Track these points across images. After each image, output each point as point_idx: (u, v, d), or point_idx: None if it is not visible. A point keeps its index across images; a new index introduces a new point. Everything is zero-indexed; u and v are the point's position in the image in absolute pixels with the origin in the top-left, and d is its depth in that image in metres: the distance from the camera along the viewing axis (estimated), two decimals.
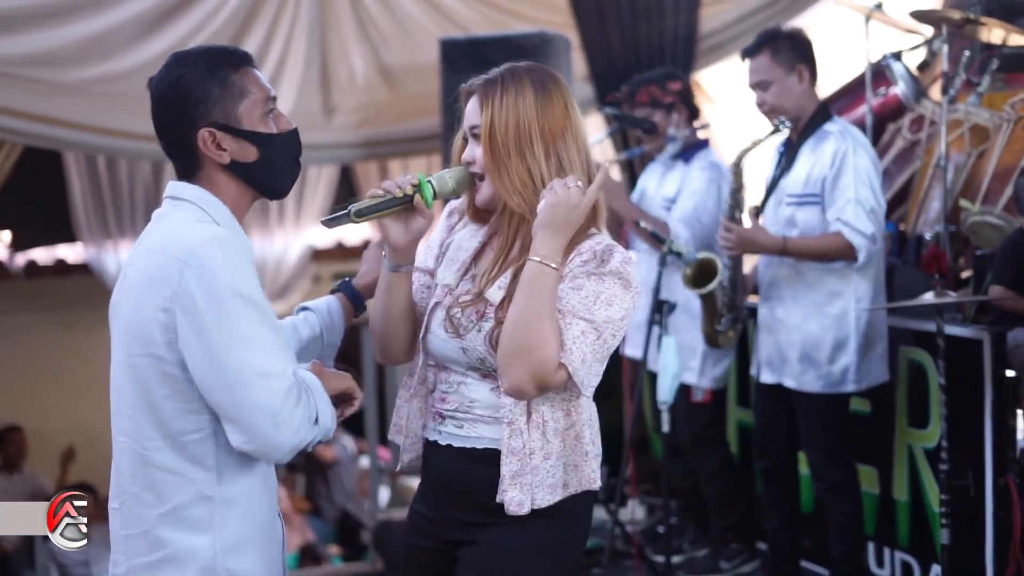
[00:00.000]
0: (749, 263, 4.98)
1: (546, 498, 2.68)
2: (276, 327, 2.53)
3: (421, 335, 2.83)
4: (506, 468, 2.66)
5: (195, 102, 2.56)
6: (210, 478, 2.52)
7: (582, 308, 2.60)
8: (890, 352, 4.69)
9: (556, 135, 2.70)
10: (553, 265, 2.61)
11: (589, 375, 2.62)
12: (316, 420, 2.51)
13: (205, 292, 2.43)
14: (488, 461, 2.70)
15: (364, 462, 10.02)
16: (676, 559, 5.39)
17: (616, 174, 6.68)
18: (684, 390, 5.23)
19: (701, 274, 4.88)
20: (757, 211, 4.73)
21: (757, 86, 4.69)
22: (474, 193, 2.80)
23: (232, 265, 2.46)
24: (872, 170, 4.56)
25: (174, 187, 2.65)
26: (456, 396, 2.78)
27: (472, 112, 2.77)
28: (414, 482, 9.96)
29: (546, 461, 2.68)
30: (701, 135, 5.47)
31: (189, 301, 2.44)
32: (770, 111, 4.68)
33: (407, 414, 2.89)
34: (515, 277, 2.69)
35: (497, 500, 2.67)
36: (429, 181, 2.76)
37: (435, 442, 2.83)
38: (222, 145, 2.58)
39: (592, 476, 2.73)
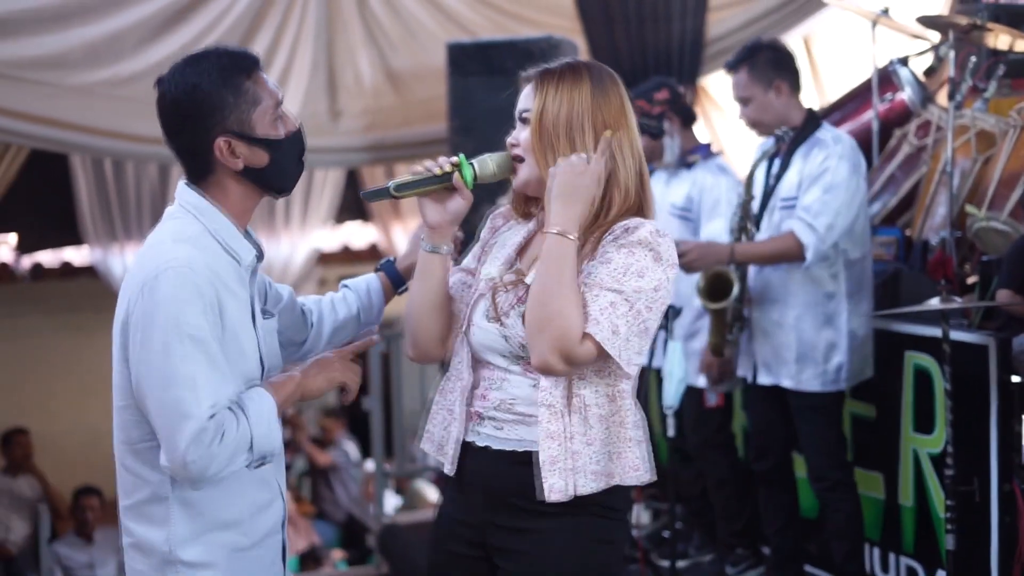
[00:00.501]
0: None
1: (588, 485, 2.62)
2: (218, 360, 2.55)
3: (463, 329, 2.79)
4: (544, 453, 2.62)
5: (210, 111, 2.60)
6: (164, 481, 2.62)
7: (611, 280, 2.57)
8: (896, 357, 4.71)
9: (610, 128, 2.70)
10: (570, 236, 2.60)
11: (626, 349, 2.57)
12: (251, 447, 2.57)
13: (148, 322, 2.53)
14: (527, 463, 2.66)
15: (369, 465, 10.02)
16: (681, 564, 5.39)
17: None
18: (694, 395, 5.23)
19: (714, 287, 4.84)
20: (758, 218, 4.76)
21: (740, 100, 4.80)
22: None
23: (181, 300, 2.52)
24: (848, 178, 4.58)
25: (181, 191, 2.71)
26: (498, 393, 2.74)
27: (526, 97, 2.77)
28: (424, 486, 9.98)
29: (588, 447, 2.63)
30: (701, 139, 5.47)
31: (135, 325, 2.55)
32: (751, 125, 4.81)
33: (442, 419, 2.86)
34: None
35: (536, 488, 2.63)
36: (471, 162, 2.78)
37: (471, 443, 2.78)
38: (236, 152, 2.63)
39: (636, 463, 2.66)
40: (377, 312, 3.11)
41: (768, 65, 4.71)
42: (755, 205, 4.80)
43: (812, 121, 4.77)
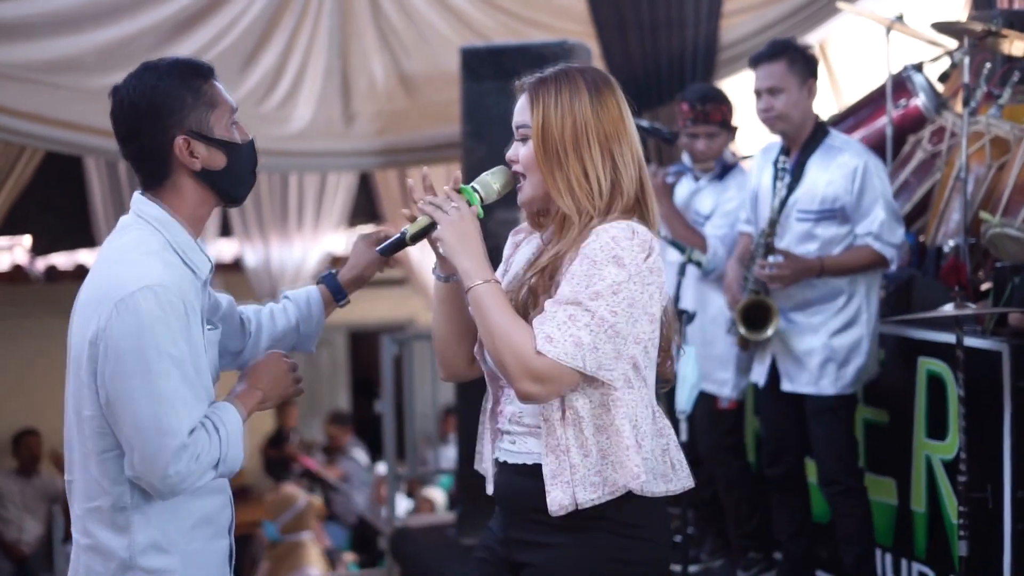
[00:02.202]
0: None
1: (588, 497, 2.61)
2: (191, 378, 2.61)
3: (477, 347, 2.81)
4: (547, 468, 2.64)
5: (169, 111, 2.65)
6: (124, 491, 2.65)
7: (570, 293, 2.56)
8: (909, 363, 4.72)
9: (611, 138, 2.68)
10: (479, 281, 2.61)
11: (594, 356, 2.55)
12: (218, 464, 2.64)
13: (129, 342, 2.55)
14: (538, 476, 2.66)
15: (381, 469, 10.03)
16: (693, 569, 5.39)
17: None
18: (707, 398, 5.24)
19: (751, 314, 4.83)
20: (772, 226, 4.75)
21: (768, 91, 4.73)
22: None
23: (161, 319, 2.56)
24: (884, 181, 4.72)
25: (137, 202, 2.73)
26: (510, 406, 2.76)
27: (521, 111, 2.73)
28: (431, 491, 9.99)
29: (586, 458, 2.63)
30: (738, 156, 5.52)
31: (113, 344, 2.56)
32: (777, 117, 4.74)
33: (480, 439, 2.90)
34: (537, 272, 2.68)
35: (546, 502, 2.64)
36: (474, 188, 2.76)
37: (496, 459, 2.83)
38: (195, 152, 2.68)
39: (635, 471, 2.61)
40: (316, 324, 3.14)
41: (805, 63, 4.74)
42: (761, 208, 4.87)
43: (821, 129, 4.79)
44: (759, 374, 4.90)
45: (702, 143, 5.30)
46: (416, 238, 2.72)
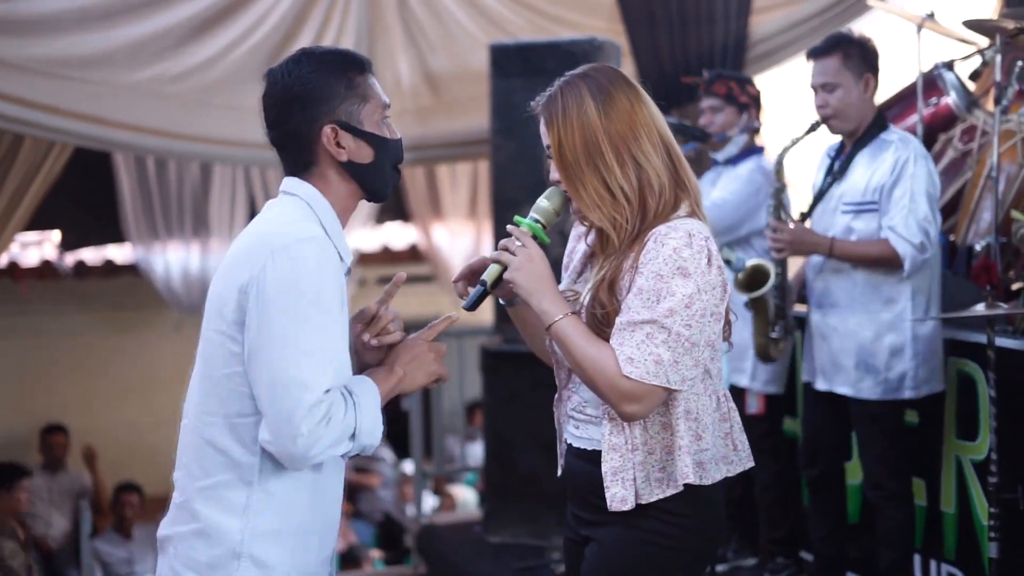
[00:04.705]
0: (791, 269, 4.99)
1: (654, 492, 2.70)
2: (342, 340, 2.58)
3: (548, 338, 2.87)
4: (607, 465, 2.71)
5: (320, 99, 2.65)
6: (253, 464, 2.58)
7: (644, 311, 2.60)
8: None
9: (626, 137, 2.69)
10: (558, 317, 2.67)
11: (676, 371, 2.61)
12: (353, 435, 2.56)
13: (282, 287, 2.50)
14: (595, 462, 2.75)
15: (408, 466, 10.03)
16: (721, 568, 5.37)
17: None
18: (737, 398, 5.22)
19: (752, 281, 4.86)
20: (803, 217, 4.76)
21: (823, 87, 4.67)
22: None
23: (318, 271, 2.53)
24: (929, 181, 4.57)
25: (289, 182, 2.72)
26: (577, 396, 2.85)
27: (542, 133, 2.76)
28: (458, 488, 9.99)
29: (650, 456, 2.71)
30: (758, 142, 5.48)
31: (263, 290, 2.50)
32: (832, 115, 4.67)
33: (557, 419, 2.98)
34: (596, 288, 2.72)
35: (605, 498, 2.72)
36: (537, 221, 2.77)
37: (566, 441, 2.92)
38: (342, 143, 2.67)
39: (684, 472, 2.68)
40: None
41: (861, 57, 4.66)
42: (788, 196, 4.85)
43: (879, 122, 4.72)
44: (808, 372, 4.87)
45: (706, 117, 5.36)
46: (495, 284, 2.75)
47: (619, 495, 2.69)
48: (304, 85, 2.64)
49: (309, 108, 2.64)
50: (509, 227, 2.76)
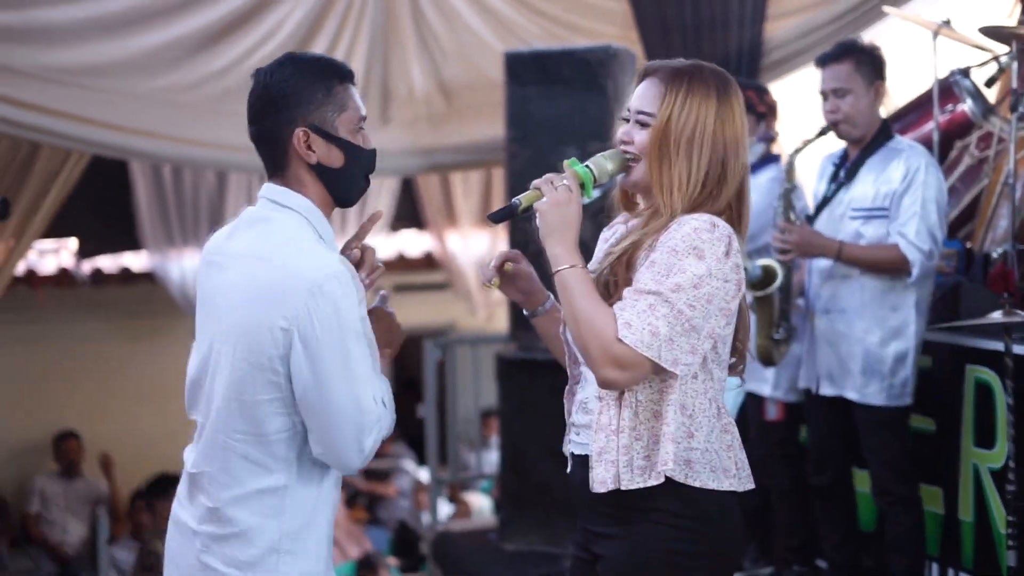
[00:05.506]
0: None
1: (635, 479, 2.67)
2: (374, 355, 2.71)
3: (562, 328, 2.90)
4: (594, 444, 2.71)
5: (299, 102, 2.73)
6: (288, 470, 2.72)
7: (651, 282, 2.60)
8: (957, 371, 4.67)
9: (728, 147, 2.73)
10: (568, 266, 2.67)
11: (669, 349, 2.59)
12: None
13: (327, 327, 2.62)
14: None
15: (423, 474, 10.04)
16: None
17: None
18: (757, 405, 5.21)
19: (760, 282, 4.86)
20: (809, 221, 4.77)
21: (834, 92, 4.69)
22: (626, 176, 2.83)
23: (350, 303, 2.65)
24: (939, 190, 4.61)
25: (276, 192, 2.78)
26: (582, 392, 2.86)
27: (648, 97, 2.77)
28: (473, 496, 9.98)
29: (637, 442, 2.68)
30: (775, 151, 5.47)
31: (310, 330, 2.62)
32: (843, 120, 4.69)
33: (568, 412, 2.97)
34: (616, 257, 2.73)
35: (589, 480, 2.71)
36: (587, 166, 2.77)
37: (570, 451, 2.92)
38: (312, 147, 2.74)
39: (664, 458, 2.66)
40: None
41: (872, 64, 4.69)
42: (798, 197, 4.86)
43: (885, 130, 4.74)
44: (808, 379, 4.87)
45: None
46: (527, 210, 2.76)
47: (600, 475, 2.69)
48: (283, 87, 2.73)
49: (285, 110, 2.73)
50: (564, 163, 2.78)
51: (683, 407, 2.69)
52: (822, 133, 4.73)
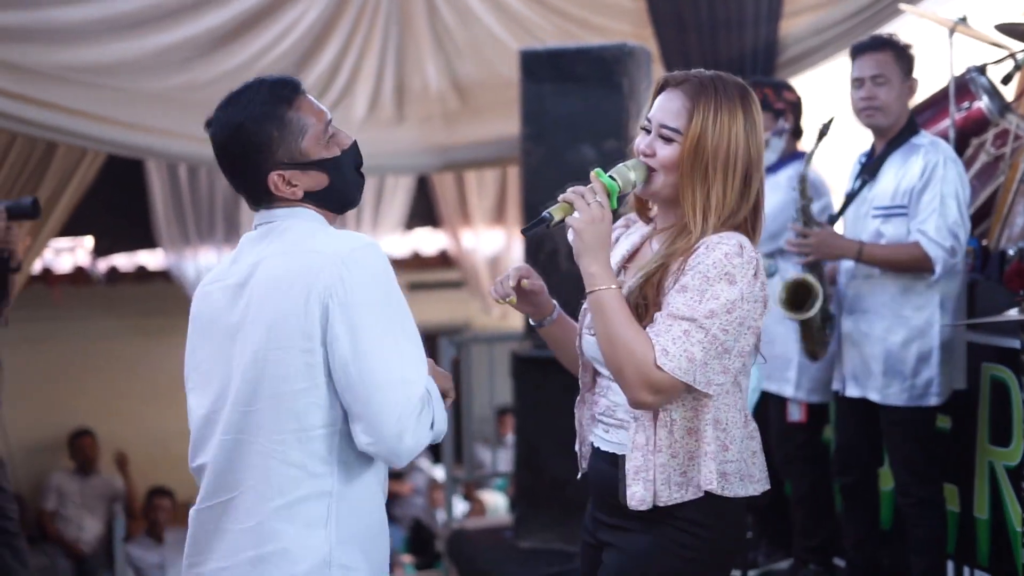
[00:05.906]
0: None
1: (672, 496, 2.71)
2: (417, 335, 2.60)
3: (578, 337, 2.92)
4: (630, 464, 2.73)
5: (257, 149, 2.62)
6: (331, 473, 2.59)
7: (685, 308, 2.62)
8: (972, 368, 4.65)
9: (754, 163, 2.74)
10: (604, 286, 2.67)
11: (704, 372, 2.63)
12: (432, 425, 2.60)
13: (367, 293, 2.52)
14: (622, 466, 2.78)
15: (438, 472, 10.04)
16: (752, 573, 5.35)
17: None
18: (778, 409, 5.20)
19: (796, 296, 4.79)
20: (832, 220, 4.75)
21: (873, 79, 4.68)
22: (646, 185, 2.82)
23: (389, 271, 2.58)
24: (960, 185, 4.59)
25: (275, 212, 2.70)
26: (605, 400, 2.87)
27: (671, 111, 2.76)
28: (488, 494, 9.99)
29: (673, 459, 2.72)
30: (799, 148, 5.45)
31: (350, 298, 2.51)
32: (879, 107, 4.69)
33: (579, 421, 2.99)
34: (646, 279, 2.73)
35: (620, 492, 2.74)
36: (612, 177, 2.75)
37: (591, 443, 2.94)
38: (292, 183, 2.65)
39: (708, 477, 2.70)
40: None
41: (907, 60, 4.73)
42: (817, 207, 4.84)
43: (911, 126, 4.74)
44: (837, 380, 4.86)
45: None
46: (559, 224, 2.73)
47: (638, 495, 2.71)
48: (236, 139, 2.63)
49: (250, 160, 2.63)
50: (592, 174, 2.75)
51: (717, 422, 2.74)
52: (822, 135, 4.68)
